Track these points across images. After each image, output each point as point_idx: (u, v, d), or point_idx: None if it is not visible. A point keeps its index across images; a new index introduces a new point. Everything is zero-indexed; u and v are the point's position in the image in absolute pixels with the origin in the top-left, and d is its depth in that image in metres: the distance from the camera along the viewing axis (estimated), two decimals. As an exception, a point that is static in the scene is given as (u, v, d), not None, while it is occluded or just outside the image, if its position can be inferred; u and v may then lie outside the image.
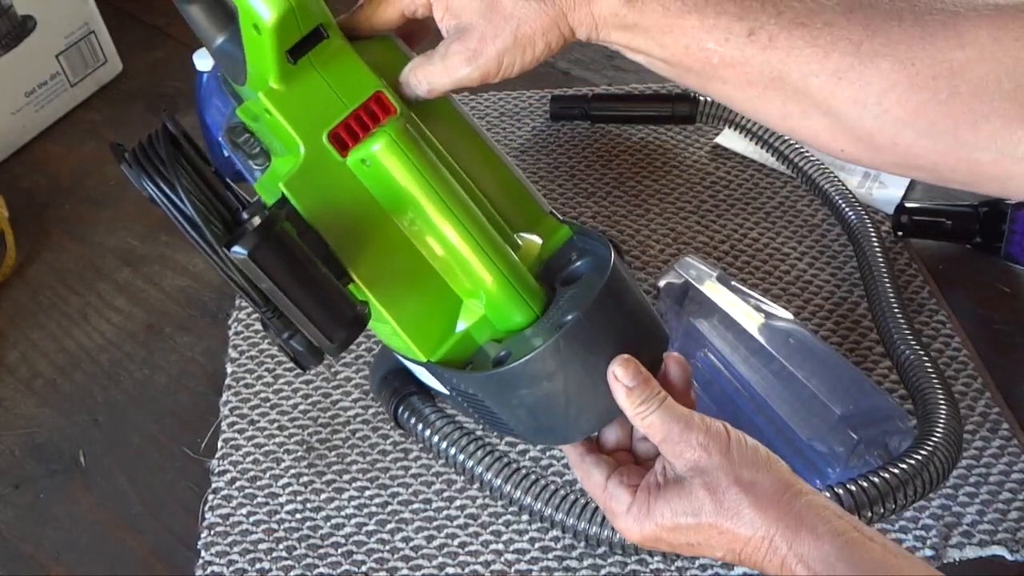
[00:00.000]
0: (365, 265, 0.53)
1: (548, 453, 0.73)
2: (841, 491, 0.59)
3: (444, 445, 0.67)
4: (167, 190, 0.49)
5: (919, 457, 0.61)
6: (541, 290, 0.55)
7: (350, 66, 0.54)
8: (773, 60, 0.49)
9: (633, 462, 0.55)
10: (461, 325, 0.55)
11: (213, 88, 0.61)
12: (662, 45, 0.51)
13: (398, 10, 0.55)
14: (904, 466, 0.61)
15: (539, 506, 0.64)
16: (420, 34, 0.60)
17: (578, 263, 0.57)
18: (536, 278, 0.55)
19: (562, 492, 0.64)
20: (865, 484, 0.60)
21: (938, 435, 0.63)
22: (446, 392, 0.58)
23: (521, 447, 0.74)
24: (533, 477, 0.65)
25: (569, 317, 0.51)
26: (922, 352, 0.71)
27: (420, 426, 0.68)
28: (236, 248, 0.46)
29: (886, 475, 0.60)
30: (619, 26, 0.51)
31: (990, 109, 0.46)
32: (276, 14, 0.49)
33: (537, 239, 0.58)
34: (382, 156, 0.52)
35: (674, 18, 0.50)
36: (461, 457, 0.66)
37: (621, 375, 0.49)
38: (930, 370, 0.70)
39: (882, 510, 0.59)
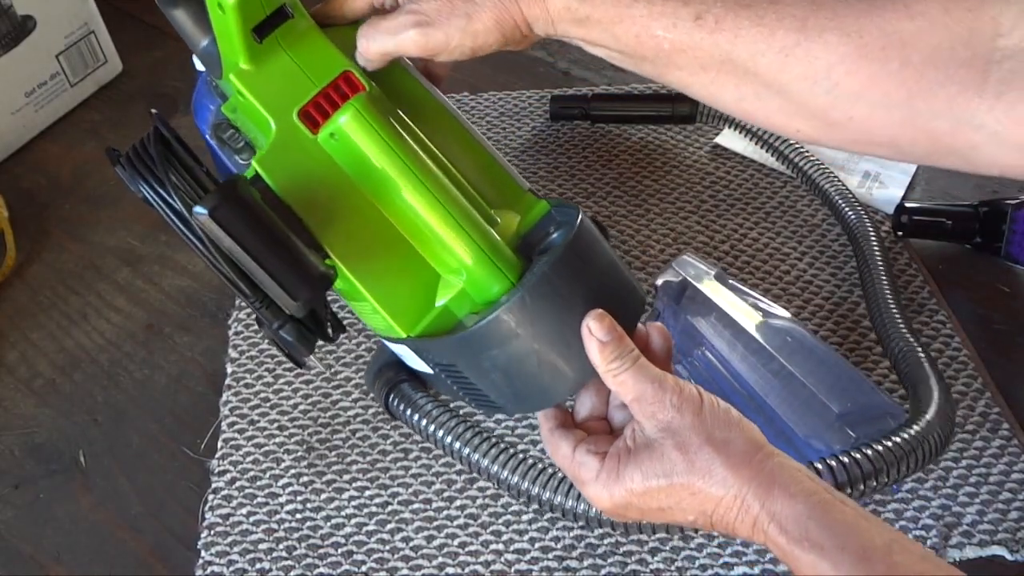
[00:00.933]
0: (340, 241, 0.54)
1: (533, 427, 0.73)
2: (834, 463, 0.59)
3: (432, 428, 0.67)
4: (159, 190, 0.50)
5: (912, 433, 0.61)
6: (519, 261, 0.55)
7: (317, 46, 0.56)
8: (722, 42, 0.49)
9: (608, 431, 0.54)
10: (440, 300, 0.56)
11: (203, 91, 0.62)
12: (615, 36, 0.52)
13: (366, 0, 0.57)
14: (898, 440, 0.61)
15: (515, 479, 0.63)
16: None
17: (555, 235, 0.57)
18: (514, 251, 0.56)
19: (539, 465, 0.63)
20: (858, 456, 0.59)
21: (929, 413, 0.63)
22: (431, 372, 0.59)
23: (508, 423, 0.74)
24: (510, 451, 0.65)
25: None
26: (916, 345, 0.71)
27: (409, 411, 0.69)
28: (197, 208, 0.47)
29: (879, 448, 0.60)
30: (573, 20, 0.52)
31: (944, 77, 0.45)
32: None
33: (515, 215, 0.58)
34: (348, 128, 0.53)
35: (624, 8, 0.51)
36: (448, 439, 0.66)
37: (595, 328, 0.49)
38: (922, 357, 0.70)
39: (875, 483, 0.59)
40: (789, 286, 0.86)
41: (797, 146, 0.92)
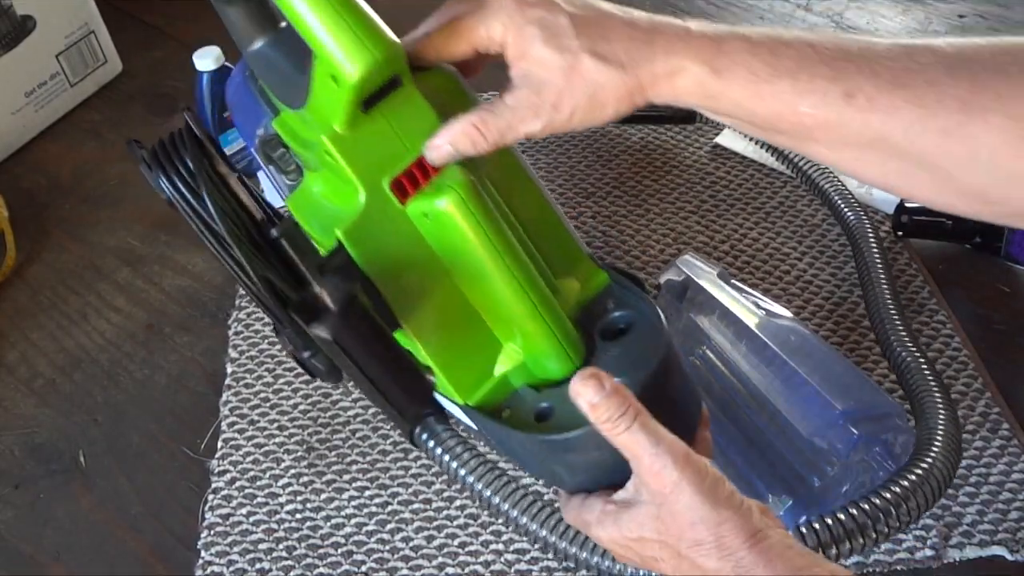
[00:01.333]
0: (414, 313, 0.52)
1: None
2: (843, 516, 0.59)
3: (463, 472, 0.64)
4: (188, 196, 0.48)
5: (916, 475, 0.61)
6: (581, 341, 0.55)
7: (415, 108, 0.52)
8: (873, 121, 0.48)
9: None
10: (499, 368, 0.55)
11: (243, 89, 0.58)
12: (750, 110, 0.50)
13: (471, 45, 0.52)
14: (904, 484, 0.60)
15: (553, 539, 0.61)
16: (474, 69, 0.57)
17: (616, 313, 0.57)
18: (575, 324, 0.55)
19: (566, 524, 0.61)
20: (867, 507, 0.59)
21: (936, 448, 0.63)
22: (469, 423, 0.58)
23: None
24: (549, 510, 0.62)
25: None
26: (919, 354, 0.71)
27: (439, 450, 0.66)
28: (318, 330, 0.45)
29: (887, 494, 0.60)
30: (703, 95, 0.50)
31: None
32: (361, 72, 0.46)
33: (576, 283, 0.58)
34: (449, 214, 0.50)
35: (763, 83, 0.48)
36: (479, 486, 0.62)
37: (582, 391, 0.47)
38: (928, 374, 0.69)
39: (886, 529, 0.59)
40: (789, 286, 0.86)
41: (797, 146, 0.92)
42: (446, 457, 0.62)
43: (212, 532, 0.69)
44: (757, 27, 0.50)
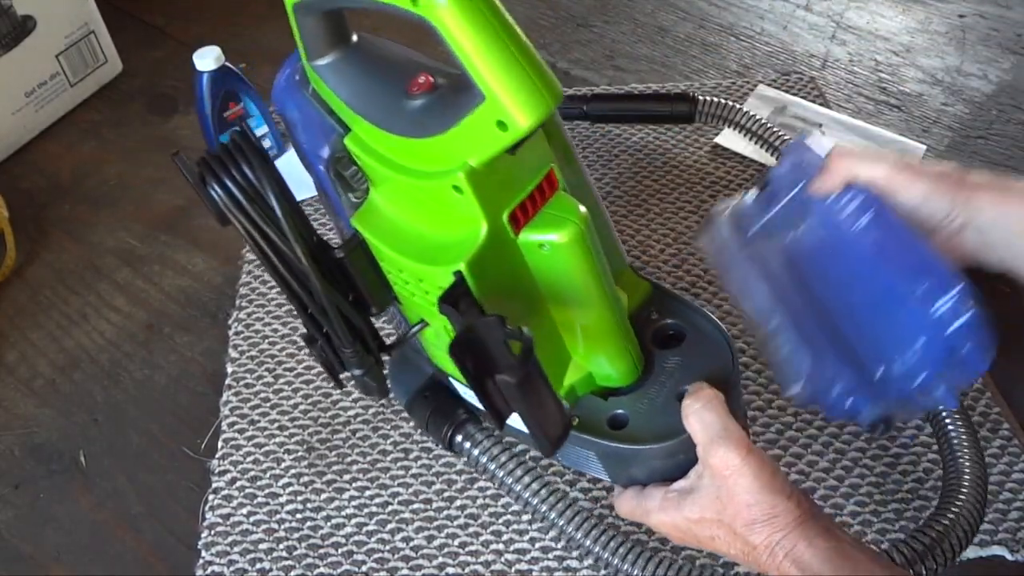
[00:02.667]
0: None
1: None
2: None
3: (509, 480, 0.65)
4: (248, 208, 0.48)
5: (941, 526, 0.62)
6: (641, 353, 0.58)
7: (536, 141, 0.53)
8: None
9: None
10: (569, 379, 0.59)
11: (304, 105, 0.57)
12: None
13: None
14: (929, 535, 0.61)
15: (605, 554, 0.62)
16: None
17: (665, 321, 0.60)
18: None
19: (620, 538, 0.63)
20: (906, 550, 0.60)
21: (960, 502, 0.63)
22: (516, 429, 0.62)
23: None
24: (603, 527, 0.64)
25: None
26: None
27: (483, 458, 0.66)
28: (504, 378, 0.48)
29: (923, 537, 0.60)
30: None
31: None
32: (533, 123, 0.46)
33: (624, 294, 0.60)
34: (568, 245, 0.52)
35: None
36: (526, 495, 0.64)
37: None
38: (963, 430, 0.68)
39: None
40: (789, 286, 0.86)
41: (797, 146, 0.92)
42: (491, 465, 0.64)
43: (212, 532, 0.69)
44: None
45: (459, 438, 0.66)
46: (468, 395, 0.64)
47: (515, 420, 0.58)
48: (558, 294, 0.54)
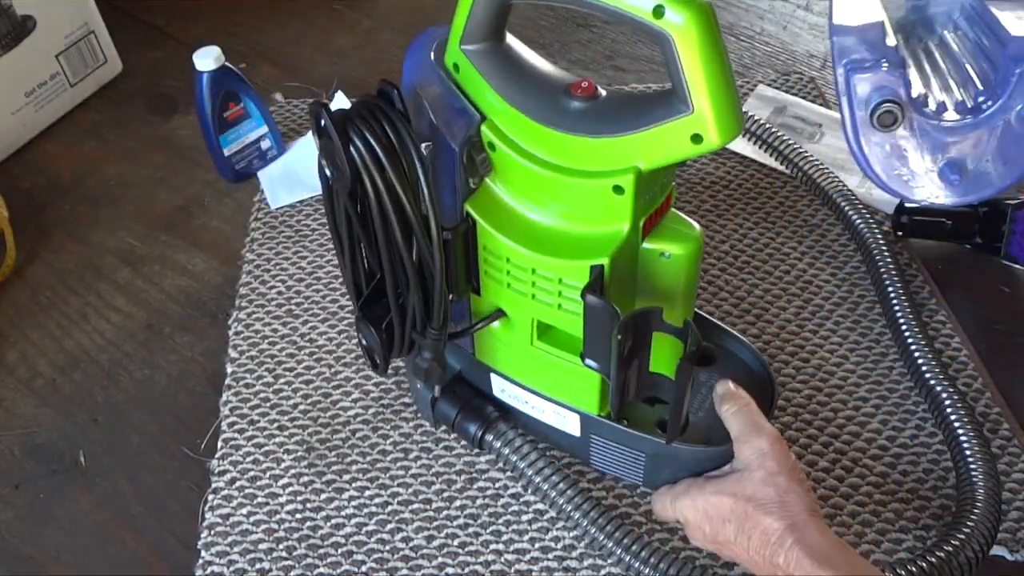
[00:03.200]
0: None
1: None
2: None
3: (538, 480, 0.68)
4: (394, 178, 0.50)
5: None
6: None
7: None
8: None
9: None
10: None
11: (447, 91, 0.58)
12: None
13: None
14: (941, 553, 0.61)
15: (628, 557, 0.65)
16: None
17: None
18: None
19: (645, 539, 0.65)
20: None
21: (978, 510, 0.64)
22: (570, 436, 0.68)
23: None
24: (615, 518, 0.67)
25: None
26: (956, 395, 0.71)
27: (514, 457, 0.69)
28: (684, 363, 0.54)
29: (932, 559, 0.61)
30: None
31: None
32: (723, 143, 0.50)
33: None
34: (686, 256, 0.57)
35: None
36: (553, 494, 0.68)
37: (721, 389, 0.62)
38: (967, 421, 0.69)
39: None
40: (789, 286, 0.86)
41: (797, 146, 0.92)
42: (522, 464, 0.69)
43: (212, 532, 0.69)
44: None
45: (490, 437, 0.69)
46: (502, 392, 0.69)
47: (547, 416, 0.67)
48: (652, 294, 0.59)
